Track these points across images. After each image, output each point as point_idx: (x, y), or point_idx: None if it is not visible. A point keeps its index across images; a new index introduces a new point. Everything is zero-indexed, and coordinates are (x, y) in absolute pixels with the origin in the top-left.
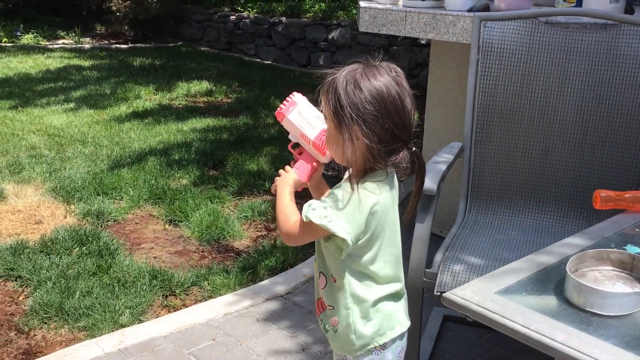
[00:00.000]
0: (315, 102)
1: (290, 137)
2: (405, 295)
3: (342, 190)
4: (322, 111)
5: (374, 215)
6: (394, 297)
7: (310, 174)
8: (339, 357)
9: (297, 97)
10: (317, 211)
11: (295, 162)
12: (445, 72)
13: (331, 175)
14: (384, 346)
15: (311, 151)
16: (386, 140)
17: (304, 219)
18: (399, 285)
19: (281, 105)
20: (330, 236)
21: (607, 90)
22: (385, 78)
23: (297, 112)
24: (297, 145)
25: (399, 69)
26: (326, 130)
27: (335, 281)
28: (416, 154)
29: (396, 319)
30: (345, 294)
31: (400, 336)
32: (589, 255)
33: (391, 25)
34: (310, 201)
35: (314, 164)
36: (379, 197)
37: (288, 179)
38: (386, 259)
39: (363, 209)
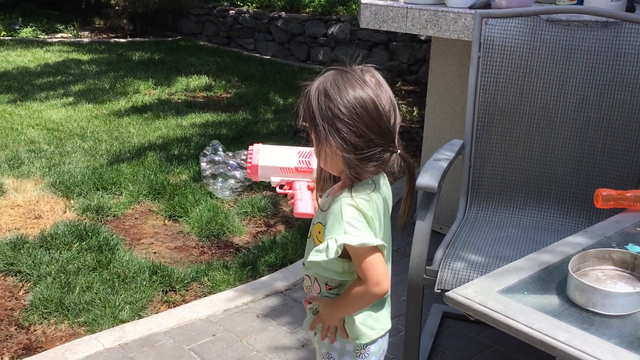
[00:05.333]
0: (296, 116)
1: (272, 183)
2: (389, 298)
3: (343, 206)
4: (303, 126)
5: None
6: (380, 302)
7: (316, 196)
8: (323, 355)
9: (255, 146)
10: (345, 237)
11: (291, 198)
12: (445, 69)
13: None
14: (365, 346)
15: (298, 177)
16: (363, 147)
17: (335, 253)
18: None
19: (248, 162)
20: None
21: (608, 89)
22: (357, 83)
23: (264, 156)
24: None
25: (374, 71)
26: (301, 150)
27: (329, 289)
28: (402, 156)
29: (378, 320)
30: None
31: (381, 338)
32: (590, 255)
33: (392, 21)
34: (322, 245)
35: (309, 185)
36: (373, 206)
37: (324, 313)
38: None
39: (367, 218)
